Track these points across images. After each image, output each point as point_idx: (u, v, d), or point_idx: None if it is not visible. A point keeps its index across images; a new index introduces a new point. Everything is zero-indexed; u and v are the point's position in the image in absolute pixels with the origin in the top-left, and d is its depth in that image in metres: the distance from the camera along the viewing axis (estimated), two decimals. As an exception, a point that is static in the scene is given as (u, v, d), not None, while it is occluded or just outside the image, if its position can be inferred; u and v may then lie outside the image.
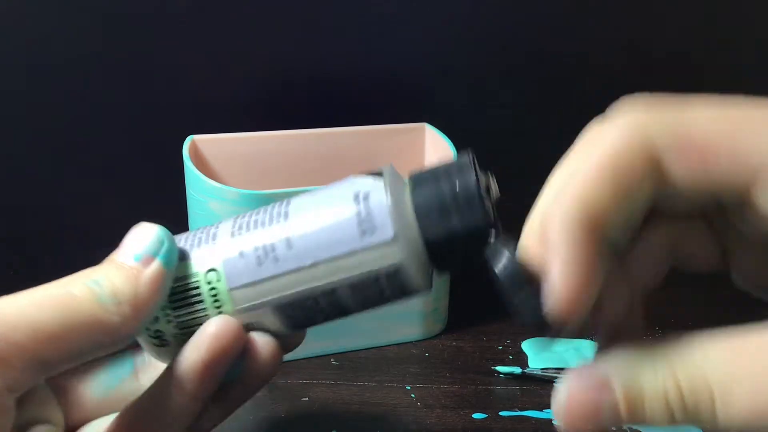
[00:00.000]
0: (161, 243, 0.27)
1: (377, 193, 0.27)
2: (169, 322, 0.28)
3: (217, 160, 0.49)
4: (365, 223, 0.26)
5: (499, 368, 0.45)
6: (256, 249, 0.27)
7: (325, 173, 0.52)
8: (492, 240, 0.26)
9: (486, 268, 0.24)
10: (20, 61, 0.58)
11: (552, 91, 0.60)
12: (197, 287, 0.28)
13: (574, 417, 0.23)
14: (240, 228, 0.28)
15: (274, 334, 0.29)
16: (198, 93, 0.59)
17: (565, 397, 0.23)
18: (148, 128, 0.60)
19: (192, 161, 0.45)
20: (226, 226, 0.29)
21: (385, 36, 0.58)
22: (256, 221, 0.28)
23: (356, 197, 0.27)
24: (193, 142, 0.48)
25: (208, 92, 0.59)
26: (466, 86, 0.60)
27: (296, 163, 0.51)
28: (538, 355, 0.47)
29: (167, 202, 0.54)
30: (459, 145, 0.50)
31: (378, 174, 0.28)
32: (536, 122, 0.61)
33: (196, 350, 0.27)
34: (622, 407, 0.22)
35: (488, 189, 0.27)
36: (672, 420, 0.22)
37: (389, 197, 0.26)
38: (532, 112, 0.61)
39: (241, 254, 0.28)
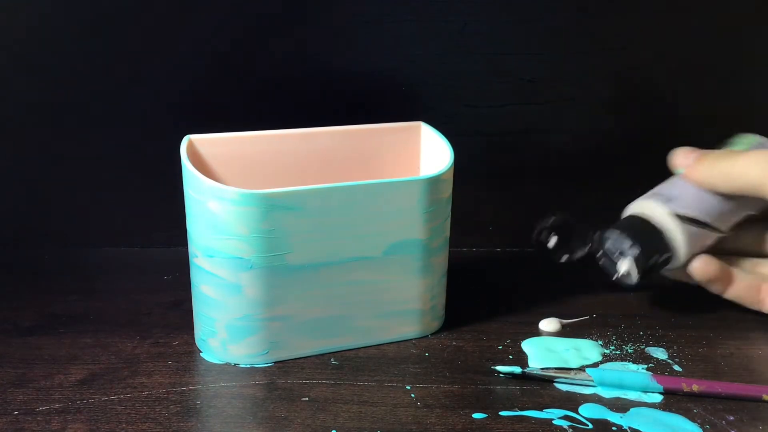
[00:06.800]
0: None
1: None
2: None
3: (214, 159, 0.49)
4: None
5: (499, 368, 0.45)
6: None
7: (322, 172, 0.52)
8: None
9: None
10: (19, 60, 0.58)
11: (549, 91, 0.60)
12: None
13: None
14: None
15: None
16: (196, 93, 0.59)
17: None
18: (146, 128, 0.59)
19: (190, 161, 0.45)
20: None
21: (381, 35, 0.58)
22: None
23: None
24: (190, 141, 0.47)
25: (205, 92, 0.59)
26: (462, 85, 0.60)
27: (293, 162, 0.51)
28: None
29: (166, 202, 0.54)
30: (454, 144, 0.50)
31: None
32: (532, 122, 0.61)
33: None
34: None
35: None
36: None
37: None
38: (528, 112, 0.61)
39: None
